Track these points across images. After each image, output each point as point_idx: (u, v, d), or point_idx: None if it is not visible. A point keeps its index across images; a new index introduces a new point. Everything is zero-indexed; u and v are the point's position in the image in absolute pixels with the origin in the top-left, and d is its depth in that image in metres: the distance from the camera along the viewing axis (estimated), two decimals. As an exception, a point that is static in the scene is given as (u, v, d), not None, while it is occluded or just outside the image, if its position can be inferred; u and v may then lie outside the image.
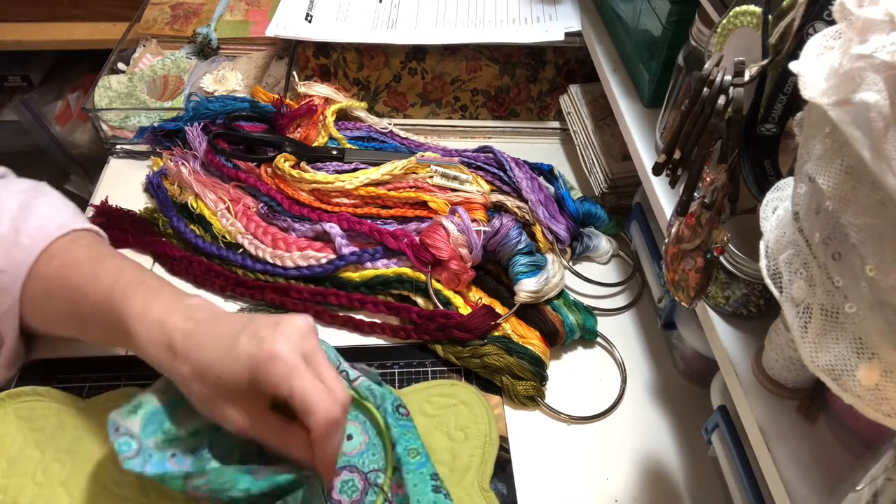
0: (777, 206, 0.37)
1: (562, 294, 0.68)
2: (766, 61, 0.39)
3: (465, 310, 0.65)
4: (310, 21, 0.86)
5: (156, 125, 0.80)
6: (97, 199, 0.76)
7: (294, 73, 0.85)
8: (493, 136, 0.88)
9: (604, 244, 0.74)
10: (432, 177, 0.73)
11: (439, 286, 0.67)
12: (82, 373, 0.61)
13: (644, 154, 0.61)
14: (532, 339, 0.64)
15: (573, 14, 0.84)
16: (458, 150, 0.79)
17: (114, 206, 0.75)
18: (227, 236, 0.71)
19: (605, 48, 0.75)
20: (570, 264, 0.73)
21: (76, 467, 0.54)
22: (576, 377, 0.65)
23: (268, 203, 0.73)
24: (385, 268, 0.68)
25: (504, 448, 0.58)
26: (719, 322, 0.50)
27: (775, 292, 0.34)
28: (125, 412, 0.49)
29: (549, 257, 0.68)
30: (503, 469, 0.57)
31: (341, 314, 0.67)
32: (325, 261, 0.68)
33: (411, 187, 0.73)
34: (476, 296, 0.68)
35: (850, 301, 0.29)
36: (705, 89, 0.40)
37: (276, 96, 0.80)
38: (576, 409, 0.62)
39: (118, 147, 0.83)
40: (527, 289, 0.64)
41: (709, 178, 0.41)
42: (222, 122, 0.79)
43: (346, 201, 0.73)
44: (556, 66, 0.85)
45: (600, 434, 0.61)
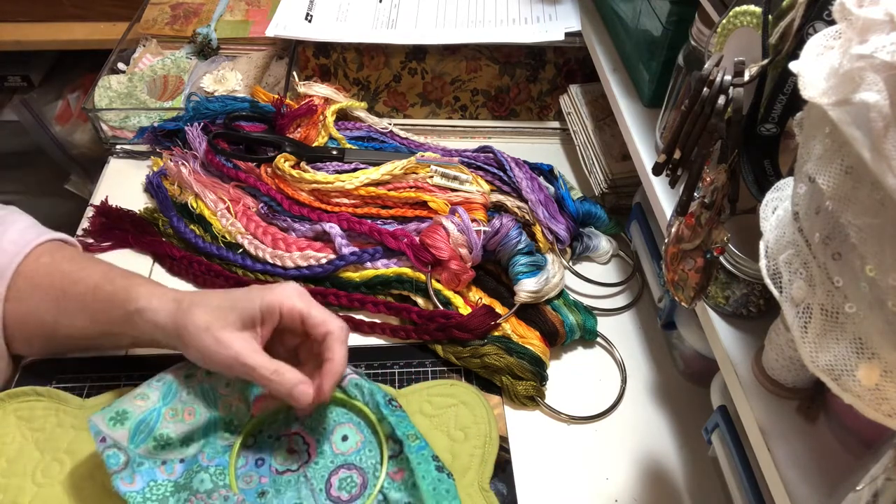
0: (777, 206, 0.37)
1: (562, 294, 0.68)
2: (766, 61, 0.39)
3: (465, 310, 0.65)
4: (310, 21, 0.86)
5: (156, 125, 0.80)
6: (97, 199, 0.76)
7: (294, 73, 0.85)
8: (493, 136, 0.88)
9: (604, 244, 0.74)
10: (432, 177, 0.73)
11: (439, 286, 0.67)
12: (82, 373, 0.61)
13: (644, 154, 0.61)
14: (532, 339, 0.64)
15: (573, 14, 0.84)
16: (458, 150, 0.79)
17: (114, 206, 0.75)
18: (227, 236, 0.71)
19: (605, 48, 0.75)
20: (570, 264, 0.73)
21: (76, 467, 0.54)
22: (576, 377, 0.65)
23: (268, 203, 0.73)
24: (385, 268, 0.68)
25: (504, 448, 0.58)
26: (719, 322, 0.50)
27: (775, 292, 0.34)
28: (110, 420, 0.50)
29: (549, 257, 0.68)
30: (503, 469, 0.57)
31: (341, 314, 0.67)
32: (325, 261, 0.68)
33: (411, 187, 0.73)
34: (476, 296, 0.68)
35: (850, 301, 0.29)
36: (705, 89, 0.40)
37: (276, 96, 0.80)
38: (576, 409, 0.62)
39: (118, 147, 0.83)
40: (527, 289, 0.64)
41: (709, 178, 0.41)
42: (222, 122, 0.79)
43: (346, 201, 0.73)
44: (556, 66, 0.85)
45: (600, 434, 0.61)
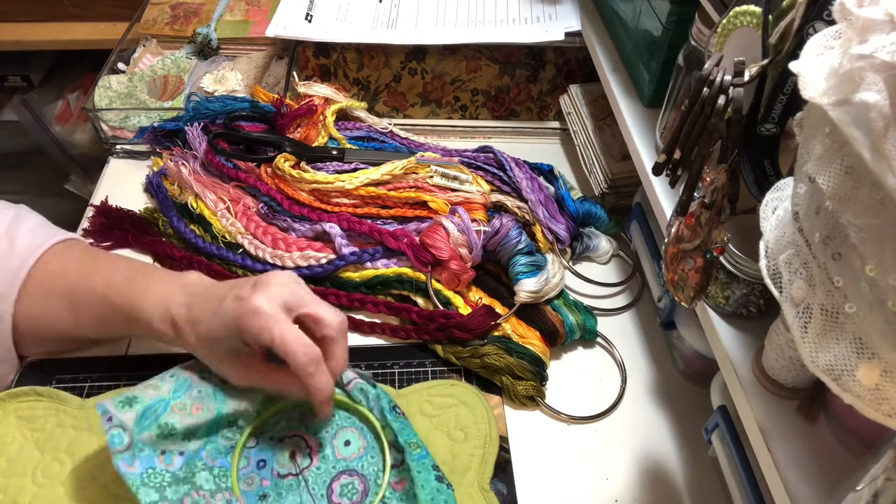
0: (777, 206, 0.37)
1: (562, 294, 0.68)
2: (766, 61, 0.39)
3: (465, 310, 0.65)
4: (310, 21, 0.86)
5: (156, 125, 0.80)
6: (97, 199, 0.76)
7: (294, 73, 0.85)
8: (493, 136, 0.88)
9: (604, 244, 0.74)
10: (432, 177, 0.73)
11: (439, 286, 0.67)
12: (82, 373, 0.61)
13: (644, 154, 0.61)
14: (532, 339, 0.64)
15: (573, 14, 0.84)
16: (458, 150, 0.79)
17: (114, 206, 0.75)
18: (227, 236, 0.71)
19: (605, 48, 0.75)
20: (570, 264, 0.73)
21: (76, 467, 0.54)
22: (576, 377, 0.65)
23: (268, 203, 0.73)
24: (385, 268, 0.68)
25: (504, 448, 0.58)
26: (719, 322, 0.50)
27: (775, 292, 0.34)
28: (119, 403, 0.50)
29: (549, 257, 0.68)
30: (503, 469, 0.57)
31: (341, 314, 0.67)
32: (325, 261, 0.68)
33: (411, 187, 0.73)
34: (476, 296, 0.68)
35: (850, 301, 0.29)
36: (705, 89, 0.40)
37: (276, 96, 0.80)
38: (576, 409, 0.62)
39: (118, 147, 0.83)
40: (527, 289, 0.64)
41: (709, 178, 0.41)
42: (222, 122, 0.79)
43: (346, 201, 0.73)
44: (556, 66, 0.85)
45: (600, 434, 0.61)
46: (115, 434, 0.48)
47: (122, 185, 0.79)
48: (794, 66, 0.30)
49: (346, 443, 0.56)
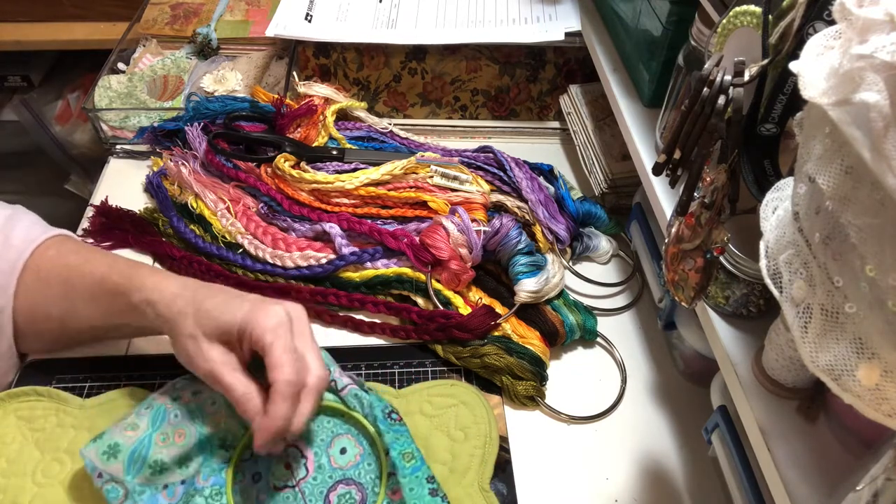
0: (777, 206, 0.37)
1: (562, 294, 0.68)
2: (766, 61, 0.39)
3: (465, 310, 0.65)
4: (310, 21, 0.86)
5: (156, 125, 0.80)
6: (97, 199, 0.76)
7: (294, 73, 0.85)
8: (493, 136, 0.88)
9: (604, 244, 0.74)
10: (432, 177, 0.73)
11: (439, 286, 0.67)
12: (82, 373, 0.61)
13: (644, 154, 0.61)
14: (532, 339, 0.64)
15: (573, 14, 0.84)
16: (458, 150, 0.79)
17: (114, 206, 0.75)
18: (227, 236, 0.71)
19: (605, 48, 0.75)
20: (570, 264, 0.73)
21: (76, 467, 0.54)
22: (576, 377, 0.65)
23: (268, 203, 0.73)
24: (385, 268, 0.68)
25: (504, 448, 0.58)
26: (719, 322, 0.50)
27: (775, 292, 0.34)
28: (103, 455, 0.50)
29: (549, 257, 0.68)
30: (503, 469, 0.57)
31: (341, 314, 0.67)
32: (325, 261, 0.68)
33: (411, 187, 0.73)
34: (476, 296, 0.68)
35: (850, 301, 0.29)
36: (705, 89, 0.40)
37: (276, 96, 0.80)
38: (576, 409, 0.62)
39: (118, 147, 0.83)
40: (527, 289, 0.64)
41: (709, 178, 0.41)
42: (222, 122, 0.79)
43: (346, 201, 0.73)
44: (556, 66, 0.85)
45: (600, 434, 0.61)
46: (109, 489, 0.49)
47: (122, 185, 0.79)
48: (794, 66, 0.30)
49: (343, 450, 0.55)
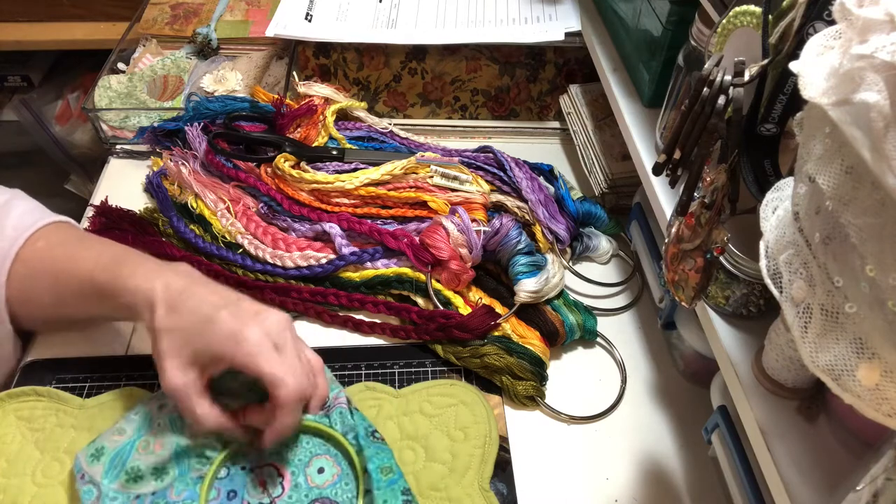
0: (777, 206, 0.37)
1: (562, 294, 0.68)
2: (766, 61, 0.39)
3: (465, 310, 0.65)
4: (310, 21, 0.86)
5: (156, 125, 0.80)
6: (97, 199, 0.76)
7: (294, 73, 0.85)
8: (493, 136, 0.88)
9: (604, 244, 0.74)
10: (432, 177, 0.73)
11: (439, 286, 0.67)
12: (82, 373, 0.61)
13: (644, 154, 0.61)
14: (532, 339, 0.64)
15: (573, 14, 0.84)
16: (458, 150, 0.79)
17: (114, 206, 0.75)
18: (227, 236, 0.71)
19: (605, 48, 0.75)
20: (570, 264, 0.73)
21: (76, 467, 0.54)
22: (576, 377, 0.65)
23: (268, 203, 0.73)
24: (385, 268, 0.68)
25: (504, 448, 0.58)
26: (719, 322, 0.50)
27: (775, 292, 0.34)
28: (90, 457, 0.51)
29: (549, 257, 0.68)
30: (503, 469, 0.57)
31: (341, 314, 0.67)
32: (325, 261, 0.68)
33: (411, 187, 0.73)
34: (476, 296, 0.68)
35: (850, 301, 0.29)
36: (705, 89, 0.40)
37: (276, 96, 0.80)
38: (576, 409, 0.62)
39: (118, 147, 0.83)
40: (527, 289, 0.64)
41: (709, 178, 0.41)
42: (222, 122, 0.79)
43: (346, 201, 0.73)
44: (556, 66, 0.85)
45: (600, 434, 0.61)
46: (85, 490, 0.50)
47: (122, 185, 0.79)
48: (794, 66, 0.30)
49: (320, 470, 0.54)
